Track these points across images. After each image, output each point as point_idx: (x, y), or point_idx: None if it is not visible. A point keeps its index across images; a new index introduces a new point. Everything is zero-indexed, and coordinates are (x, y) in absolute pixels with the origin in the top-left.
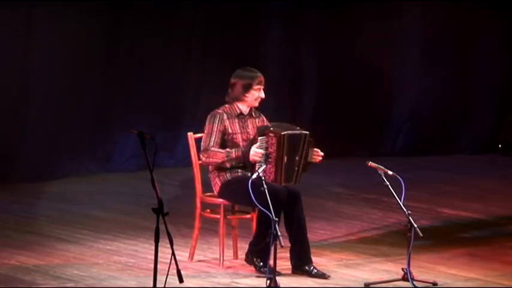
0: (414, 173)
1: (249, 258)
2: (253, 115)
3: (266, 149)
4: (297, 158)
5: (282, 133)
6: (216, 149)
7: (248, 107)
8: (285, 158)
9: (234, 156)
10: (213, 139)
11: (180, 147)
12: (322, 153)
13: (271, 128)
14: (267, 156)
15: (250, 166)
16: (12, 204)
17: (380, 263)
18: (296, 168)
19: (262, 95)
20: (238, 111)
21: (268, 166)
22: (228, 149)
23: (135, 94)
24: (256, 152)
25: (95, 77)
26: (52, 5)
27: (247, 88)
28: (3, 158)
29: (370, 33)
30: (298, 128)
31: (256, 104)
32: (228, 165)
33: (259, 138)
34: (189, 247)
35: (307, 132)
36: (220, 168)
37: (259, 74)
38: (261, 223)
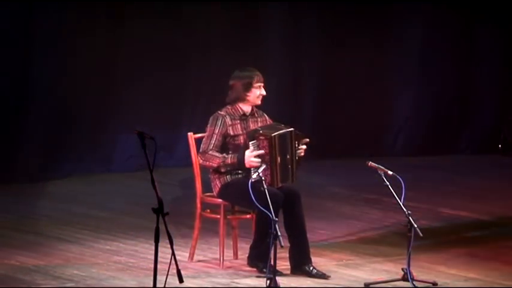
0: (414, 173)
1: (251, 262)
2: (256, 115)
3: None
4: (288, 157)
5: (272, 134)
6: (214, 153)
7: (250, 106)
8: (279, 159)
9: (229, 162)
10: (213, 142)
11: (180, 147)
12: (307, 139)
13: (261, 131)
14: (261, 159)
15: (247, 172)
16: (12, 204)
17: (380, 263)
18: (289, 166)
19: (264, 92)
20: (241, 112)
21: (264, 168)
22: (224, 154)
23: (135, 94)
24: (251, 158)
25: (95, 77)
26: (53, 3)
27: (248, 87)
28: (3, 158)
29: (370, 33)
30: (282, 125)
31: (259, 102)
32: (223, 170)
33: (251, 142)
34: (189, 247)
35: (292, 129)
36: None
37: (257, 72)
38: (260, 225)
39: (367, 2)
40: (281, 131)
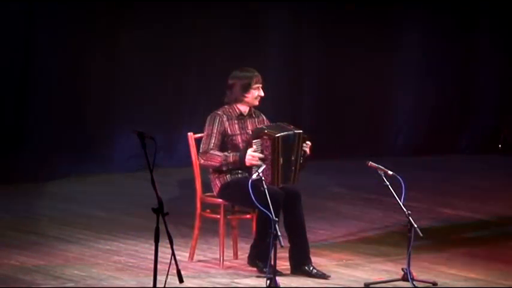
0: (414, 173)
1: (251, 261)
2: (253, 115)
3: (261, 151)
4: (293, 158)
5: (276, 135)
6: (215, 152)
7: (248, 106)
8: (281, 160)
9: (231, 160)
10: (213, 141)
11: (180, 147)
12: (309, 143)
13: (266, 130)
14: (262, 159)
15: (247, 170)
16: (12, 204)
17: (380, 263)
18: (293, 168)
19: (262, 93)
20: (238, 112)
21: (265, 168)
22: (226, 153)
23: (135, 94)
24: (252, 155)
25: (95, 77)
26: (53, 3)
27: (247, 88)
28: (3, 158)
29: (370, 33)
30: (292, 127)
31: (257, 103)
32: (225, 168)
33: (254, 141)
34: (189, 247)
35: (301, 131)
36: (220, 169)
37: (256, 73)
38: (261, 224)
39: (367, 2)
40: (286, 132)
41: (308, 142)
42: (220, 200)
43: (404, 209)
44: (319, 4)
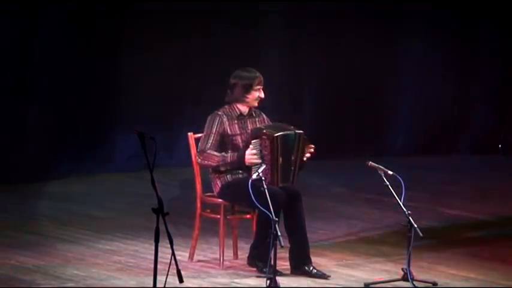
0: (414, 173)
1: (251, 261)
2: (253, 114)
3: (260, 151)
4: (292, 158)
5: (275, 135)
6: (212, 152)
7: (248, 107)
8: (280, 159)
9: (229, 160)
10: (211, 141)
11: (180, 147)
12: (313, 146)
13: (264, 130)
14: (262, 159)
15: (247, 170)
16: (12, 204)
17: (380, 263)
18: (292, 168)
19: (262, 95)
20: (238, 112)
21: (264, 168)
22: (223, 153)
23: (136, 94)
24: (251, 155)
25: (95, 77)
26: (53, 4)
27: (248, 89)
28: (3, 158)
29: (371, 34)
30: (292, 127)
31: (256, 104)
32: (223, 169)
33: (253, 141)
34: (189, 247)
35: (301, 132)
36: (220, 169)
37: (258, 74)
38: (261, 224)
39: (367, 3)
40: (285, 132)
41: (312, 146)
42: (220, 200)
43: (404, 209)
44: (319, 4)
